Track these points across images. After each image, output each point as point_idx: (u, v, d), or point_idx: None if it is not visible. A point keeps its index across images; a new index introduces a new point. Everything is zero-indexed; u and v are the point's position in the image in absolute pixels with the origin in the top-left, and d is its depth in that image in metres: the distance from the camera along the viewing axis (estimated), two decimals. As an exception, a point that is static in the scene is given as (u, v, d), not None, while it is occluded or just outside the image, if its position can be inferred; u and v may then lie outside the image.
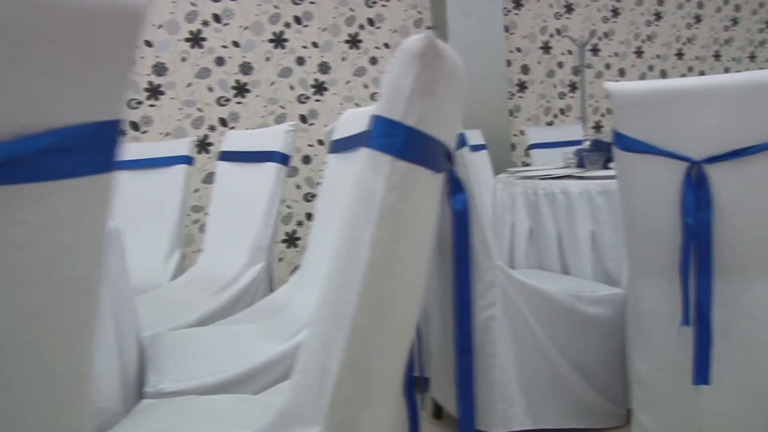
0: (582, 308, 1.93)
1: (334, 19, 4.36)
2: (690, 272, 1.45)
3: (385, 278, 0.75)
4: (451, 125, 0.84)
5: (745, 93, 1.34)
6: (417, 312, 0.88)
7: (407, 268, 0.78)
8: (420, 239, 0.81)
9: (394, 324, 0.80)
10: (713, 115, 1.37)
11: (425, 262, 0.87)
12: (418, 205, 0.76)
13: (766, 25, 5.97)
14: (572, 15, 5.14)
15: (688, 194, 1.41)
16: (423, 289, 0.90)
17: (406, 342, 0.86)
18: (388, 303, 0.77)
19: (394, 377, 0.86)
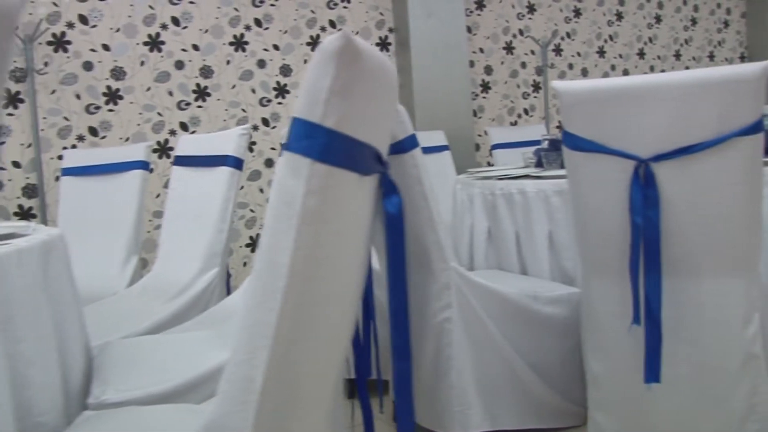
0: (538, 308, 1.92)
1: (295, 22, 4.33)
2: (640, 271, 1.45)
3: (309, 284, 0.73)
4: (379, 127, 0.82)
5: (690, 91, 1.35)
6: (352, 316, 0.86)
7: (334, 272, 0.76)
8: (348, 243, 0.79)
9: (323, 330, 0.78)
10: (659, 113, 1.38)
11: (359, 265, 0.85)
12: (343, 209, 0.74)
13: (724, 25, 6.05)
14: (534, 15, 5.16)
15: (636, 193, 1.41)
16: (359, 292, 0.88)
17: (339, 348, 0.84)
18: (313, 309, 0.75)
19: (327, 385, 0.84)
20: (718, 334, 1.46)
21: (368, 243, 0.90)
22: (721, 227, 1.41)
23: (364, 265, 0.90)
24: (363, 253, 0.86)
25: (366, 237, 0.87)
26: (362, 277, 0.90)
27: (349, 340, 0.89)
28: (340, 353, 0.85)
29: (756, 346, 1.46)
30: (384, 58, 0.81)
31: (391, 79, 0.85)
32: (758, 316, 1.46)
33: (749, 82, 1.31)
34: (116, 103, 3.90)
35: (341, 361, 0.88)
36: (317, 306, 0.75)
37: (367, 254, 0.91)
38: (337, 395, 0.95)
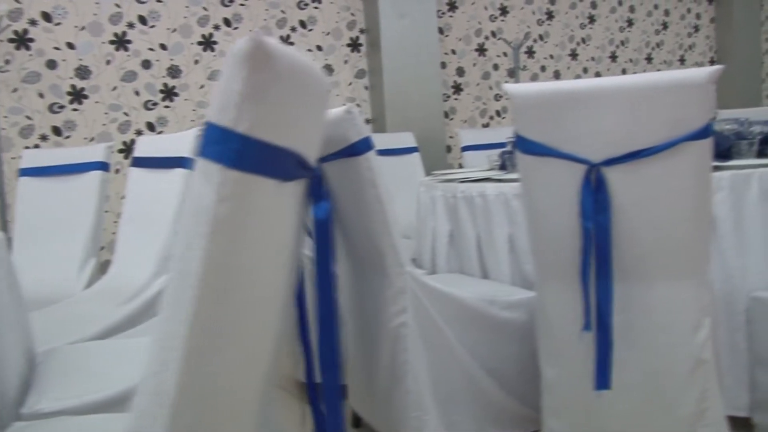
0: (495, 313, 1.91)
1: (265, 21, 4.30)
2: (590, 276, 1.43)
3: (222, 294, 0.70)
4: (303, 132, 0.79)
5: (639, 95, 1.34)
6: (276, 327, 0.84)
7: (251, 281, 0.73)
8: (268, 251, 0.76)
9: (241, 342, 0.75)
10: (610, 117, 1.36)
11: (283, 273, 0.82)
12: (259, 217, 0.72)
13: (694, 29, 6.10)
14: (507, 18, 5.16)
15: (587, 197, 1.39)
16: (284, 301, 0.85)
17: (262, 359, 0.82)
18: (228, 320, 0.72)
19: (250, 397, 0.81)
20: (669, 340, 1.45)
21: (296, 250, 0.87)
22: (671, 232, 1.40)
23: (293, 273, 0.88)
24: (288, 261, 0.84)
25: (292, 244, 0.84)
26: (290, 284, 0.88)
27: (275, 350, 0.87)
28: (263, 363, 0.83)
29: (706, 352, 1.45)
30: (308, 62, 0.79)
31: (318, 83, 0.83)
32: (709, 321, 1.46)
33: (697, 87, 1.30)
34: (81, 102, 3.84)
35: (267, 372, 0.85)
36: (233, 317, 0.72)
37: (296, 261, 0.89)
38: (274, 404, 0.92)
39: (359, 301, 1.97)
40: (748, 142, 2.24)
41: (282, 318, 0.89)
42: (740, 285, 1.89)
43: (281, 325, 0.89)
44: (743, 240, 1.89)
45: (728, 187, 1.89)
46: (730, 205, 1.89)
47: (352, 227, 1.88)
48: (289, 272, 0.86)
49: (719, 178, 1.89)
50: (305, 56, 0.81)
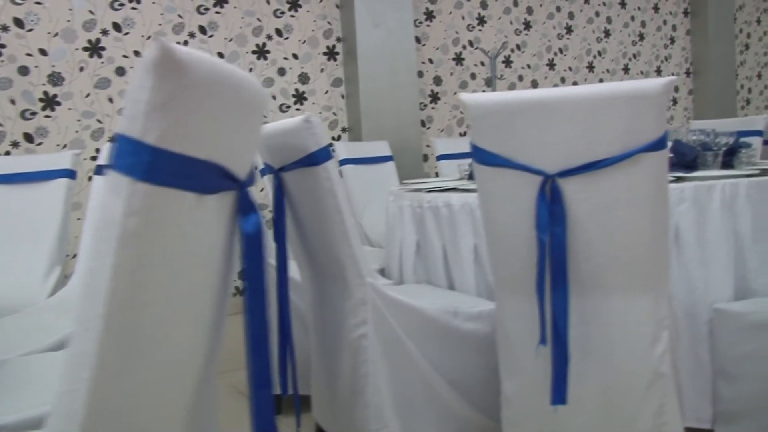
0: (458, 325, 1.89)
1: (241, 30, 4.27)
2: (546, 289, 1.41)
3: (134, 311, 0.68)
4: (227, 143, 0.77)
5: (595, 106, 1.32)
6: (201, 344, 0.81)
7: (167, 298, 0.71)
8: (187, 266, 0.74)
9: (158, 360, 0.73)
10: (566, 127, 1.35)
11: (206, 288, 0.80)
12: (174, 231, 0.69)
13: (670, 41, 6.14)
14: (485, 27, 5.17)
15: (542, 209, 1.38)
16: (210, 319, 0.83)
17: (187, 376, 0.79)
18: (143, 337, 0.70)
19: (173, 416, 0.79)
20: (626, 353, 1.44)
21: (224, 264, 0.85)
22: (628, 244, 1.38)
23: (222, 287, 0.85)
24: (215, 276, 0.81)
25: (219, 258, 0.82)
26: (220, 299, 0.85)
27: (206, 365, 0.84)
28: (189, 381, 0.80)
29: (664, 365, 1.44)
30: (233, 71, 0.77)
31: (247, 94, 0.81)
32: (667, 335, 1.44)
33: (653, 98, 1.29)
34: (53, 109, 3.80)
35: (193, 388, 0.82)
36: (148, 334, 0.70)
37: (227, 275, 0.87)
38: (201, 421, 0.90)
39: (321, 312, 1.95)
40: (713, 153, 2.24)
41: (213, 333, 0.87)
42: (703, 297, 1.88)
43: (212, 341, 0.87)
44: (706, 252, 1.89)
45: (691, 198, 1.88)
46: (692, 217, 1.88)
47: (312, 237, 1.86)
48: (217, 286, 0.84)
49: (682, 190, 1.89)
50: (230, 65, 0.79)
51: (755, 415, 1.73)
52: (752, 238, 1.89)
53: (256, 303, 0.84)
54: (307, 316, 2.07)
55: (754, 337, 1.73)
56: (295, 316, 2.22)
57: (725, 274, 1.89)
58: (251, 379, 0.85)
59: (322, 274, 1.90)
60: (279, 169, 1.86)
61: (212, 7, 4.17)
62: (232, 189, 0.81)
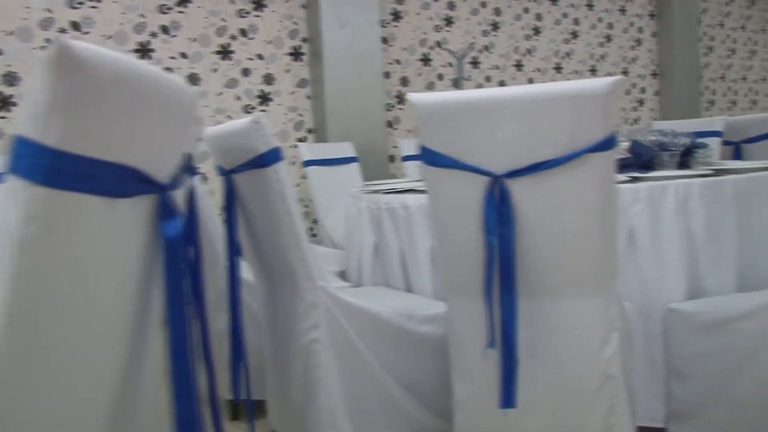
0: (413, 327, 1.87)
1: (205, 30, 4.22)
2: (494, 292, 1.40)
3: (35, 321, 0.64)
4: (142, 144, 0.74)
5: (541, 105, 1.31)
6: (117, 354, 0.78)
7: (72, 307, 0.68)
8: (97, 273, 0.71)
9: (67, 371, 0.70)
10: (512, 127, 1.33)
11: (121, 296, 0.77)
12: (82, 237, 0.66)
13: (637, 42, 6.19)
14: (452, 28, 5.17)
15: (490, 210, 1.36)
16: (130, 327, 0.80)
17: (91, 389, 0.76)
18: (45, 349, 0.66)
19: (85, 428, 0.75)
20: (576, 356, 1.43)
21: (146, 270, 0.82)
22: (576, 246, 1.37)
23: (144, 294, 0.82)
24: (133, 282, 0.78)
25: (138, 264, 0.79)
26: (142, 306, 0.82)
27: (128, 376, 0.81)
28: (103, 392, 0.77)
29: (613, 367, 1.43)
30: (146, 69, 0.74)
31: (163, 91, 0.78)
32: (617, 336, 1.44)
33: (598, 97, 1.28)
34: (9, 110, 3.72)
35: (112, 399, 0.79)
36: (51, 345, 0.67)
37: (150, 281, 0.83)
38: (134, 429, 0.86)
39: (273, 315, 1.92)
40: (670, 153, 2.25)
41: (137, 341, 0.84)
42: (657, 297, 1.88)
43: (137, 349, 0.83)
44: (660, 252, 1.89)
45: (645, 198, 1.88)
46: (647, 217, 1.88)
47: (263, 240, 1.83)
48: (138, 293, 0.81)
49: (636, 190, 1.89)
50: (145, 64, 0.76)
51: (706, 413, 1.74)
52: (705, 238, 1.90)
53: (176, 311, 0.81)
54: (261, 321, 2.04)
55: (705, 336, 1.74)
56: (252, 318, 2.19)
57: (679, 274, 1.89)
58: (173, 390, 0.82)
59: (273, 277, 1.87)
60: (230, 171, 1.82)
61: (175, 6, 4.12)
62: (151, 192, 0.78)
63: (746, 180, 1.97)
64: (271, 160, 1.67)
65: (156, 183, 0.78)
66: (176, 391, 0.81)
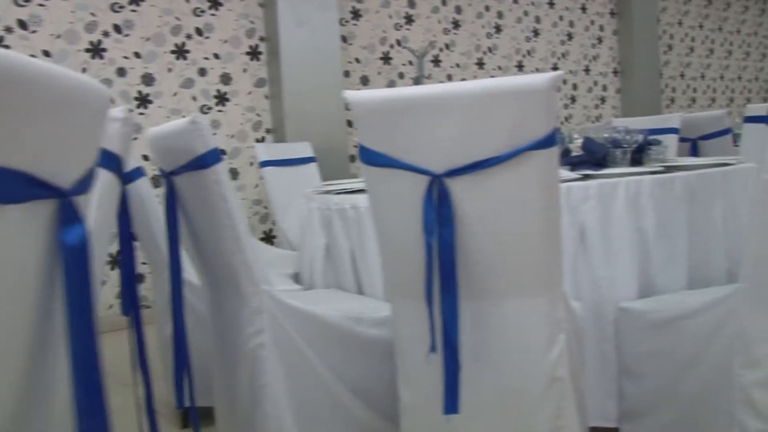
0: (362, 331, 1.82)
1: (159, 28, 4.14)
2: (435, 294, 1.36)
3: None
4: (36, 147, 0.69)
5: (480, 102, 1.27)
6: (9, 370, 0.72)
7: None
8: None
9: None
10: (451, 125, 1.30)
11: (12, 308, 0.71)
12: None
13: (598, 41, 6.22)
14: (413, 26, 5.14)
15: (429, 210, 1.32)
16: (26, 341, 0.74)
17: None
18: None
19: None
20: (521, 358, 1.39)
21: (46, 279, 0.76)
22: (519, 245, 1.34)
23: (45, 304, 0.77)
24: (28, 292, 0.73)
25: (34, 273, 0.73)
26: (42, 316, 0.77)
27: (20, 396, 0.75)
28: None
29: (560, 369, 1.40)
30: (44, 68, 0.68)
31: (60, 92, 0.72)
32: (564, 337, 1.40)
33: (538, 93, 1.25)
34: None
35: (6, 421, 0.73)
36: None
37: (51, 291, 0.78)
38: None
39: (219, 320, 1.86)
40: (622, 150, 2.24)
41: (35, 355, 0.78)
42: (608, 295, 1.86)
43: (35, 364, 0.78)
44: (611, 249, 1.86)
45: (596, 196, 1.86)
46: (597, 215, 1.86)
47: (206, 243, 1.77)
48: (35, 303, 0.75)
49: (587, 188, 1.86)
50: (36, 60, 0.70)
51: (658, 412, 1.72)
52: (656, 235, 1.88)
53: (80, 321, 0.76)
54: (207, 326, 1.98)
55: (656, 335, 1.72)
56: (202, 322, 2.13)
57: (630, 272, 1.87)
58: (77, 407, 0.76)
59: (217, 281, 1.82)
60: (170, 172, 1.76)
61: (127, 4, 4.03)
62: (49, 197, 0.72)
63: (696, 177, 1.96)
64: (211, 161, 1.62)
65: (55, 188, 0.73)
66: (81, 409, 0.76)
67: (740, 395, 1.44)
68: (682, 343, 1.65)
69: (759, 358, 1.43)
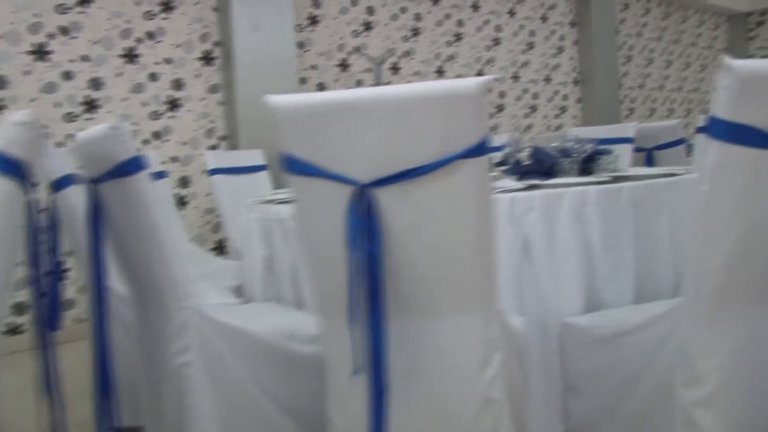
0: (295, 348, 1.74)
1: (108, 31, 4.01)
2: (361, 312, 1.28)
3: None
4: None
5: (407, 107, 1.20)
6: None
7: None
8: None
9: None
10: (377, 131, 1.22)
11: None
12: None
13: (558, 50, 6.22)
14: (371, 33, 5.08)
15: (355, 222, 1.25)
16: None
17: None
18: None
19: None
20: (454, 379, 1.32)
21: None
22: (451, 260, 1.27)
23: None
24: None
25: None
26: None
27: None
28: None
29: (495, 390, 1.33)
30: None
31: None
32: (499, 357, 1.34)
33: (468, 98, 1.18)
34: None
35: None
36: None
37: None
38: None
39: (144, 337, 1.77)
40: (571, 160, 2.19)
41: None
42: (553, 309, 1.80)
43: None
44: (556, 262, 1.81)
45: (540, 207, 1.80)
46: (542, 226, 1.80)
47: (130, 255, 1.67)
48: None
49: (531, 198, 1.80)
50: None
51: (601, 430, 1.66)
52: (602, 246, 1.83)
53: None
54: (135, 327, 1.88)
55: (600, 351, 1.66)
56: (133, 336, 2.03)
57: (576, 285, 1.81)
58: None
59: (142, 294, 1.72)
60: (94, 180, 1.67)
61: (74, 6, 3.90)
62: None
63: (643, 187, 1.91)
64: (132, 169, 1.53)
65: None
66: None
67: (681, 415, 1.39)
68: (625, 360, 1.59)
69: (700, 376, 1.38)
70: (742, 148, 1.27)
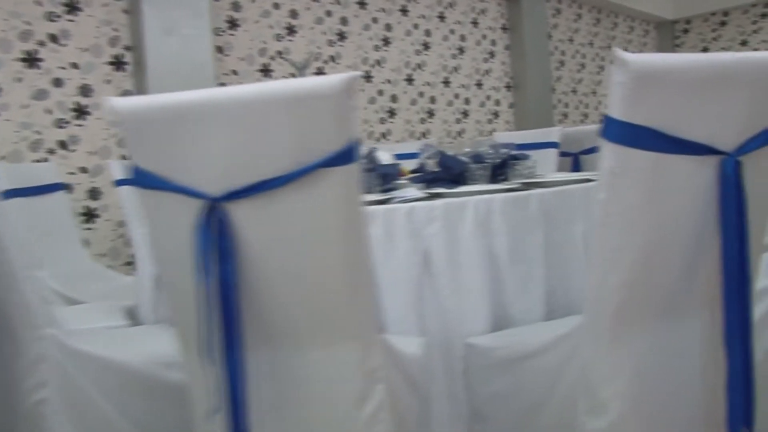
0: (173, 378, 1.56)
1: (4, 33, 3.75)
2: (215, 343, 1.12)
3: None
4: None
5: (256, 109, 1.05)
6: None
7: None
8: None
9: None
10: (226, 138, 1.07)
11: None
12: None
13: (490, 55, 6.17)
14: (295, 38, 4.91)
15: (205, 241, 1.09)
16: None
17: None
18: None
19: None
20: (327, 416, 1.17)
21: None
22: (318, 283, 1.12)
23: None
24: None
25: None
26: None
27: None
28: None
29: (378, 426, 1.18)
30: None
31: None
32: (382, 389, 1.19)
33: (328, 99, 1.04)
34: None
35: None
36: None
37: None
38: None
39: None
40: (481, 166, 2.06)
41: None
42: (457, 328, 1.67)
43: None
44: (459, 277, 1.68)
45: (442, 217, 1.67)
46: (443, 239, 1.67)
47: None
48: None
49: (431, 209, 1.67)
50: None
51: (507, 461, 1.53)
52: (509, 259, 1.71)
53: None
54: None
55: (504, 373, 1.53)
56: None
57: (481, 302, 1.69)
58: None
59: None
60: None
61: (-38, 7, 3.63)
62: None
63: (553, 194, 1.80)
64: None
65: None
66: None
67: (583, 447, 1.26)
68: (528, 384, 1.46)
69: (604, 402, 1.26)
70: (640, 151, 1.16)
